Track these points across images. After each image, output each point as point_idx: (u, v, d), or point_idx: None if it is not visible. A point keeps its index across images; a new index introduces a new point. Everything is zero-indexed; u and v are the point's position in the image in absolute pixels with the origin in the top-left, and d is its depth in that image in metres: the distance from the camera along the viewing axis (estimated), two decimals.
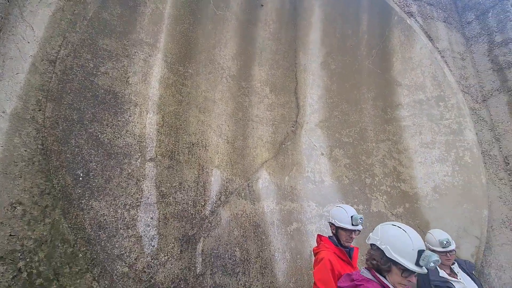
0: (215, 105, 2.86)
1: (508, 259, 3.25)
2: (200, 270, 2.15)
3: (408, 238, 1.26)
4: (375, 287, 1.23)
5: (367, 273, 1.31)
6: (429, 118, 3.62)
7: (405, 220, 3.12)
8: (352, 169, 3.26)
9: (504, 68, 3.68)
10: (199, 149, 2.60)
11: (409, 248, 1.23)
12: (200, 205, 2.41)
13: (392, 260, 1.24)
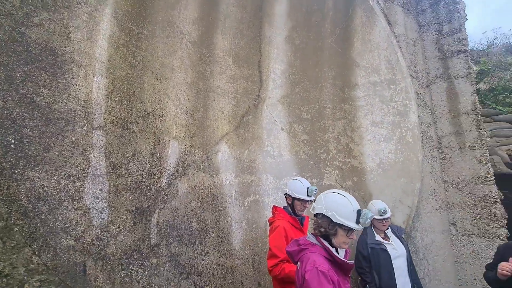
0: (173, 73, 2.68)
1: (430, 224, 3.83)
2: (155, 241, 2.13)
3: (348, 202, 1.40)
4: (318, 250, 1.36)
5: (312, 238, 1.43)
6: (380, 99, 3.89)
7: (352, 192, 3.43)
8: (309, 145, 3.41)
9: (447, 57, 4.06)
10: (155, 119, 2.46)
11: (350, 210, 1.38)
12: (156, 177, 2.32)
13: (338, 224, 1.37)
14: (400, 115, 3.94)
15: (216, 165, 2.75)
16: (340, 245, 1.39)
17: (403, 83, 3.98)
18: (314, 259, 1.29)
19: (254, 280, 2.54)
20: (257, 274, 2.57)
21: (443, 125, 4.11)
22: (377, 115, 3.85)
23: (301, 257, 1.37)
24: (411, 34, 4.30)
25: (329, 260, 1.33)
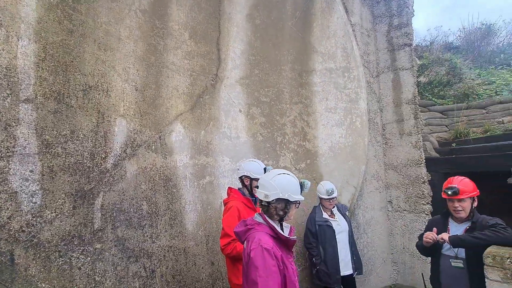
0: (120, 43, 2.42)
1: (371, 202, 4.25)
2: (99, 226, 2.00)
3: (293, 178, 1.49)
4: (264, 228, 1.41)
5: (259, 218, 1.48)
6: (335, 86, 4.06)
7: (305, 174, 3.61)
8: (267, 128, 3.45)
9: (395, 49, 4.36)
10: (98, 93, 2.22)
11: (297, 185, 1.46)
12: (100, 158, 2.14)
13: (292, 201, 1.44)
14: (351, 102, 4.19)
15: (170, 146, 2.63)
16: (291, 218, 1.51)
17: (356, 71, 4.20)
18: (259, 238, 1.34)
19: (208, 259, 2.57)
20: (210, 254, 2.60)
21: (387, 113, 4.49)
22: (331, 101, 4.03)
23: (247, 236, 1.41)
24: (366, 24, 4.50)
25: (273, 238, 1.39)
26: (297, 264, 3.20)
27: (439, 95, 5.81)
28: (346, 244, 3.03)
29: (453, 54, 7.71)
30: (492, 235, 1.74)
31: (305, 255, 3.23)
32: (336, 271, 2.87)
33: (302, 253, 3.25)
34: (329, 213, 3.13)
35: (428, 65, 6.26)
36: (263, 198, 1.47)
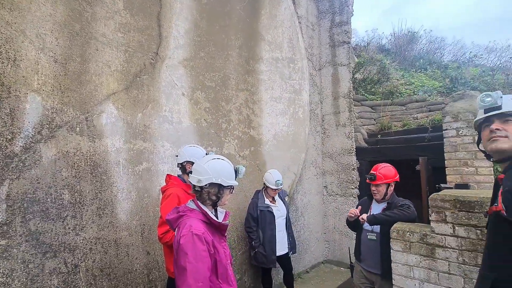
0: (33, 4, 2.02)
1: (309, 187, 4.59)
2: (3, 219, 1.70)
3: (228, 164, 1.49)
4: (196, 214, 1.39)
5: (191, 204, 1.45)
6: (280, 76, 4.17)
7: (249, 160, 3.67)
8: (211, 113, 3.37)
9: (336, 45, 4.66)
10: (1, 62, 1.83)
11: (231, 170, 1.47)
12: (5, 139, 1.79)
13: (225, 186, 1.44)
14: (295, 93, 4.37)
15: (99, 128, 2.36)
16: (225, 203, 1.51)
17: (300, 63, 4.37)
18: (190, 224, 1.31)
19: (143, 249, 2.44)
20: (146, 243, 2.47)
21: (327, 105, 4.83)
22: (276, 90, 4.13)
23: (179, 223, 1.37)
24: (311, 18, 4.68)
25: (206, 223, 1.39)
26: (238, 247, 3.29)
27: (371, 91, 6.50)
28: (283, 227, 3.23)
29: (384, 56, 8.65)
30: (399, 214, 2.08)
31: (245, 239, 3.33)
32: (273, 253, 3.04)
33: (243, 237, 3.35)
34: (270, 199, 3.27)
35: (363, 64, 6.91)
36: (195, 183, 1.45)
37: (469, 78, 6.54)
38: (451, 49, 10.55)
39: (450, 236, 1.72)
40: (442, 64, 8.45)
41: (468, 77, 6.69)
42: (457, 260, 1.69)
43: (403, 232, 1.93)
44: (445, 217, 1.74)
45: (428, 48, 10.19)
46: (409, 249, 1.89)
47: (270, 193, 3.20)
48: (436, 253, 1.77)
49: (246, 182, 3.58)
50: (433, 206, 1.80)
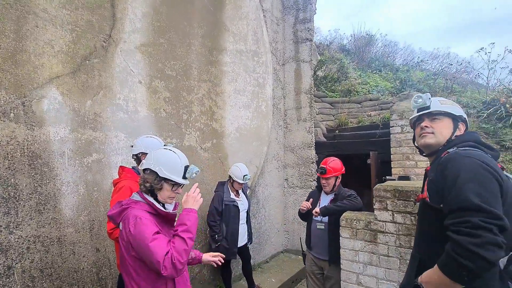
0: None
1: (270, 180, 4.70)
2: None
3: (177, 157, 1.43)
4: (142, 206, 1.34)
5: (136, 196, 1.39)
6: (244, 68, 4.15)
7: (211, 153, 3.63)
8: (172, 104, 3.24)
9: (299, 42, 4.78)
10: None
11: (178, 166, 1.41)
12: None
13: (164, 178, 1.37)
14: (259, 86, 4.39)
15: (40, 115, 2.12)
16: (166, 200, 1.41)
17: (264, 57, 4.39)
18: (136, 214, 1.26)
19: (91, 246, 2.28)
20: (95, 240, 2.31)
21: (289, 100, 4.95)
22: (240, 83, 4.11)
23: (123, 217, 1.30)
24: (276, 13, 4.72)
25: (153, 214, 1.34)
26: (197, 241, 3.25)
27: (331, 89, 6.83)
28: (245, 220, 3.27)
29: (344, 56, 9.11)
30: (348, 204, 2.25)
31: (205, 232, 3.31)
32: (234, 246, 3.08)
33: (203, 230, 3.32)
34: (235, 192, 3.27)
35: (325, 62, 7.21)
36: (139, 166, 1.42)
37: (415, 81, 7.22)
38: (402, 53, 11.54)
39: (390, 222, 1.91)
40: (394, 66, 9.20)
41: (415, 80, 7.38)
42: (395, 243, 1.88)
43: (351, 220, 2.09)
44: (386, 205, 1.92)
45: (383, 51, 11.00)
46: (355, 236, 2.05)
47: (236, 187, 3.20)
48: (378, 238, 1.95)
49: (208, 175, 3.54)
50: (377, 196, 1.98)
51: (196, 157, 3.42)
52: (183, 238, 1.25)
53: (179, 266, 1.20)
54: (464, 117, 1.31)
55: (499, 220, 0.94)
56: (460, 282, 0.99)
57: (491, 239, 0.92)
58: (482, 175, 1.03)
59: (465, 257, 0.94)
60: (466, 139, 1.21)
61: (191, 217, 1.32)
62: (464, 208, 0.99)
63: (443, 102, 1.33)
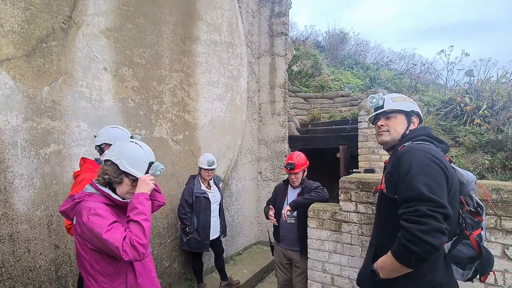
0: None
1: (244, 173, 4.71)
2: None
3: (142, 152, 1.37)
4: (97, 198, 1.28)
5: (90, 188, 1.32)
6: (219, 60, 4.08)
7: (183, 145, 3.54)
8: (141, 93, 3.10)
9: (274, 35, 4.78)
10: None
11: (142, 161, 1.35)
12: None
13: (124, 172, 1.31)
14: (233, 79, 4.34)
15: None
16: (124, 196, 1.35)
17: (239, 49, 4.34)
18: (89, 206, 1.20)
19: (49, 243, 2.14)
20: (54, 236, 2.17)
21: (264, 93, 4.96)
22: (214, 74, 4.03)
23: (76, 211, 1.23)
24: (252, 5, 4.66)
25: (110, 205, 1.28)
26: (167, 235, 3.19)
27: (305, 84, 6.96)
28: (217, 213, 3.26)
29: (319, 52, 9.30)
30: (316, 196, 2.33)
31: (176, 226, 3.25)
32: (206, 238, 3.06)
33: (174, 224, 3.26)
34: (206, 184, 3.23)
35: (299, 57, 7.30)
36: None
37: (384, 79, 7.60)
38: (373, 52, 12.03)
39: (353, 212, 2.01)
40: (365, 65, 9.59)
41: (384, 78, 7.76)
42: (357, 232, 1.99)
43: (318, 211, 2.17)
44: (351, 196, 2.02)
45: (355, 49, 11.38)
46: (322, 226, 2.14)
47: (204, 175, 3.16)
48: (342, 227, 2.05)
49: (180, 168, 3.46)
50: (342, 187, 2.07)
51: (167, 150, 3.33)
52: (136, 221, 1.20)
53: (140, 248, 1.16)
54: (416, 111, 1.39)
55: (444, 208, 1.03)
56: (408, 266, 1.08)
57: (437, 226, 1.00)
58: (431, 168, 1.11)
59: (413, 243, 1.02)
60: (419, 134, 1.29)
61: (142, 200, 1.25)
62: (414, 198, 1.07)
63: (395, 99, 1.40)
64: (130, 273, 1.29)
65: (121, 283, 1.26)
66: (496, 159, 3.78)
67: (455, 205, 1.19)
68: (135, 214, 1.22)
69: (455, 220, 1.19)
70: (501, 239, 1.59)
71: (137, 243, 1.15)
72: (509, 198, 1.58)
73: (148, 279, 1.36)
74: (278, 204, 2.63)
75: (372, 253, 1.32)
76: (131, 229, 1.19)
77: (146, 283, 1.35)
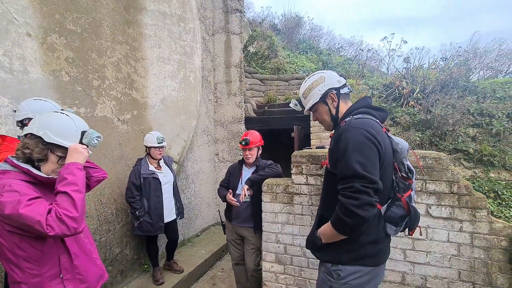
0: None
1: (200, 155, 4.61)
2: None
3: (71, 120, 1.22)
4: (14, 175, 1.10)
5: (4, 165, 1.13)
6: (169, 34, 3.80)
7: (131, 125, 3.28)
8: (77, 66, 2.74)
9: (229, 12, 4.60)
10: None
11: (72, 130, 1.20)
12: None
13: (50, 147, 1.16)
14: (186, 56, 4.11)
15: None
16: (49, 174, 1.18)
17: (192, 24, 4.09)
18: (3, 183, 1.03)
19: None
20: None
21: (219, 73, 4.82)
22: (164, 50, 3.76)
23: None
24: None
25: (31, 182, 1.12)
26: (117, 221, 2.99)
27: (261, 66, 6.94)
28: (171, 194, 3.15)
29: (275, 35, 9.30)
30: (270, 171, 2.39)
31: (126, 211, 3.07)
32: (160, 220, 2.95)
33: (123, 209, 3.07)
34: (155, 165, 3.07)
35: (255, 37, 7.22)
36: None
37: (335, 64, 7.99)
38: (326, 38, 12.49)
39: (304, 184, 2.13)
40: (318, 50, 9.92)
41: (335, 63, 8.16)
42: (308, 203, 2.12)
43: (271, 185, 2.24)
44: (302, 169, 2.12)
45: (310, 34, 11.67)
46: (275, 199, 2.22)
47: (154, 154, 3.00)
48: (294, 199, 2.16)
49: (129, 150, 3.22)
50: (294, 161, 2.16)
51: (112, 130, 3.05)
52: (65, 192, 1.05)
53: (70, 222, 1.01)
54: (326, 89, 1.40)
55: (375, 184, 1.14)
56: (343, 234, 1.23)
57: (368, 201, 1.13)
58: (365, 146, 1.20)
59: (347, 215, 1.15)
60: (360, 106, 1.38)
61: (72, 170, 1.10)
62: (349, 176, 1.17)
63: (305, 95, 1.46)
64: (64, 255, 1.16)
65: (53, 267, 1.13)
66: (425, 136, 4.33)
67: (389, 172, 1.32)
68: (63, 185, 1.06)
69: (389, 185, 1.33)
70: (425, 200, 1.85)
71: (65, 216, 1.01)
72: (432, 164, 1.82)
73: (87, 261, 1.25)
74: (232, 184, 2.63)
75: (317, 221, 1.43)
76: (58, 202, 1.04)
77: (86, 266, 1.24)
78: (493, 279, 1.72)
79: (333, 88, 1.41)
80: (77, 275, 1.19)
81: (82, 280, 1.22)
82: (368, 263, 1.27)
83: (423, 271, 1.84)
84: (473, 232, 1.74)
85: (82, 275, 1.22)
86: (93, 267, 1.28)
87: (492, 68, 5.92)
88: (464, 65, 5.36)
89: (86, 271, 1.24)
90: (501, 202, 3.48)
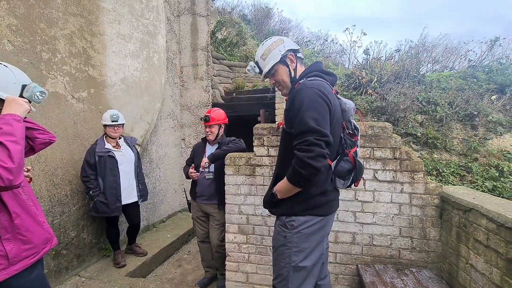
0: None
1: (165, 139, 4.50)
2: None
3: (10, 71, 1.15)
4: None
5: None
6: (130, 10, 3.62)
7: (88, 104, 3.10)
8: (23, 35, 2.51)
9: None
10: None
11: (11, 82, 1.13)
12: None
13: None
14: (149, 35, 3.95)
15: None
16: None
17: (155, 1, 3.94)
18: None
19: None
20: None
21: (185, 56, 4.71)
22: (125, 26, 3.58)
23: None
24: None
25: None
26: (72, 202, 2.83)
27: (230, 53, 6.90)
28: (132, 174, 3.04)
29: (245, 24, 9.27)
30: (232, 146, 2.44)
31: (83, 193, 2.91)
32: (116, 200, 2.84)
33: (80, 191, 2.91)
34: (114, 144, 2.95)
35: (224, 23, 7.14)
36: None
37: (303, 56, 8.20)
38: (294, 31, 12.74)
39: (265, 156, 2.20)
40: None
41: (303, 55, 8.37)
42: (269, 174, 2.20)
43: (234, 158, 2.28)
44: (263, 141, 2.19)
45: (279, 26, 11.81)
46: (238, 172, 2.27)
47: (110, 133, 2.88)
48: (256, 171, 2.23)
49: (85, 129, 3.04)
50: (256, 134, 2.22)
51: (66, 107, 2.86)
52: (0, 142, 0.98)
53: (4, 172, 0.95)
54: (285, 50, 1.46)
55: (326, 137, 1.24)
56: (298, 186, 1.32)
57: (320, 152, 1.22)
58: (318, 103, 1.29)
59: (302, 167, 1.23)
60: (312, 69, 1.47)
61: (9, 120, 1.03)
62: (304, 131, 1.25)
63: (264, 56, 1.49)
64: (2, 213, 1.09)
65: None
66: (381, 121, 4.67)
67: (338, 130, 1.43)
68: None
69: (338, 142, 1.44)
70: (373, 166, 2.02)
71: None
72: (379, 132, 2.00)
73: (32, 223, 1.18)
74: (197, 162, 2.63)
75: (274, 180, 1.50)
76: None
77: (30, 227, 1.17)
78: (427, 233, 1.95)
79: (291, 50, 1.48)
80: (18, 235, 1.13)
81: (25, 241, 1.15)
82: (318, 212, 1.38)
83: (370, 230, 2.03)
84: (412, 192, 1.96)
85: (25, 236, 1.15)
86: (39, 229, 1.22)
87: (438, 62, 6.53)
88: (415, 57, 5.84)
89: (30, 232, 1.18)
90: (442, 179, 3.91)
